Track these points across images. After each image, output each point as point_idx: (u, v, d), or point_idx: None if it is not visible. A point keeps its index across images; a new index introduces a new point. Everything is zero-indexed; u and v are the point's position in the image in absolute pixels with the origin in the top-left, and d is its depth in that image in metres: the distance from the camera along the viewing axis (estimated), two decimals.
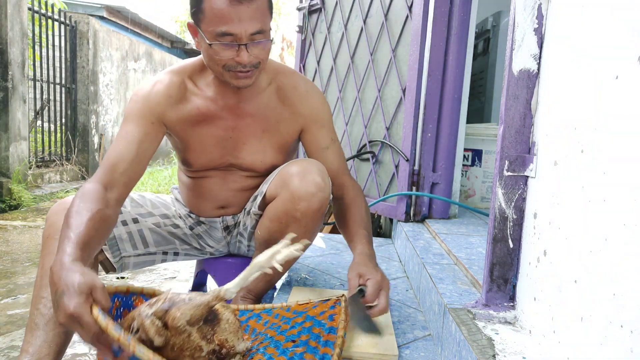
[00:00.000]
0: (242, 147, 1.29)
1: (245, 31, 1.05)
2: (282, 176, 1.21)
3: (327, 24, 2.77)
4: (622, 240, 0.66)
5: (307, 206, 1.15)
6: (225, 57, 1.09)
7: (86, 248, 0.88)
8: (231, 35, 1.06)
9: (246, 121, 1.28)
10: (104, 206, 1.01)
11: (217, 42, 1.07)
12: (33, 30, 4.77)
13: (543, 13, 0.94)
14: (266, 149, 1.30)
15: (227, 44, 1.07)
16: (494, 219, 0.99)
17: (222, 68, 1.12)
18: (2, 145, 4.16)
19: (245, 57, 1.08)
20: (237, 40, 1.07)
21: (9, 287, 2.09)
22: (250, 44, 1.08)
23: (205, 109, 1.24)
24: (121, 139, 1.15)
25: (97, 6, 8.55)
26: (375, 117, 2.32)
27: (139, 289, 0.98)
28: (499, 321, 0.97)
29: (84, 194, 1.01)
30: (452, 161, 2.07)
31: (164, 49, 11.01)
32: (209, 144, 1.27)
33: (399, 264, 1.91)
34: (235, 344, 0.87)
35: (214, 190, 1.35)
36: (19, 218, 3.65)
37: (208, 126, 1.25)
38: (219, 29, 1.05)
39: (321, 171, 1.19)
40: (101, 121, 6.35)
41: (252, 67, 1.12)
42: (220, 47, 1.08)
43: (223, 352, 0.84)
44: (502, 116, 0.97)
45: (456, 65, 2.00)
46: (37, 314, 1.06)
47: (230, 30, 1.05)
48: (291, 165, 1.21)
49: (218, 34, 1.06)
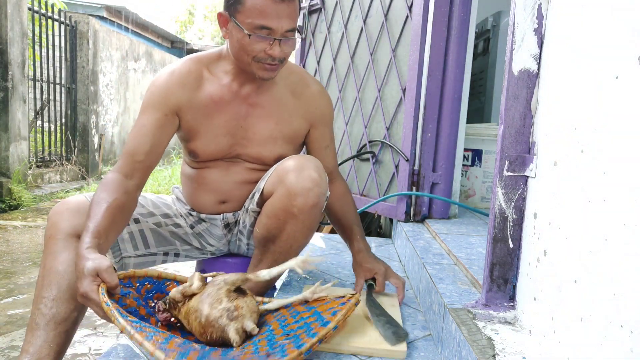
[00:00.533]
0: (252, 136, 1.32)
1: (282, 27, 1.14)
2: (278, 172, 1.22)
3: (327, 24, 2.77)
4: (622, 240, 0.66)
5: (304, 202, 1.16)
6: (258, 48, 1.16)
7: (103, 235, 1.02)
8: (269, 29, 1.13)
9: (258, 111, 1.31)
10: (122, 194, 1.13)
11: (254, 33, 1.14)
12: (33, 30, 4.77)
13: (543, 13, 0.94)
14: (277, 140, 1.34)
15: (264, 36, 1.14)
16: (494, 219, 0.99)
17: (252, 59, 1.18)
18: (2, 145, 4.16)
19: (277, 51, 1.16)
20: (272, 35, 1.14)
21: (9, 287, 2.09)
22: (284, 39, 1.16)
23: (218, 96, 1.28)
24: (137, 130, 1.24)
25: (97, 6, 8.55)
26: (375, 117, 2.32)
27: (172, 275, 1.14)
28: (499, 321, 0.97)
29: (104, 184, 1.14)
30: (452, 161, 2.07)
31: (164, 49, 11.01)
32: (220, 132, 1.30)
33: (399, 264, 1.91)
34: (246, 319, 0.99)
35: (216, 182, 1.35)
36: (19, 218, 3.65)
37: (219, 113, 1.29)
38: (258, 22, 1.13)
39: (317, 167, 1.19)
40: (101, 121, 6.35)
41: (279, 62, 1.20)
42: (256, 39, 1.15)
43: (234, 315, 0.98)
44: (502, 116, 0.97)
45: (456, 65, 2.00)
46: (38, 314, 1.06)
47: (269, 24, 1.13)
48: (287, 161, 1.22)
49: (256, 27, 1.13)
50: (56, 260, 1.11)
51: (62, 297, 1.08)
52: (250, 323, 0.99)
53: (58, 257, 1.11)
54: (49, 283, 1.09)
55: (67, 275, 1.09)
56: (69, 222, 1.15)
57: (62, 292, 1.08)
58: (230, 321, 0.96)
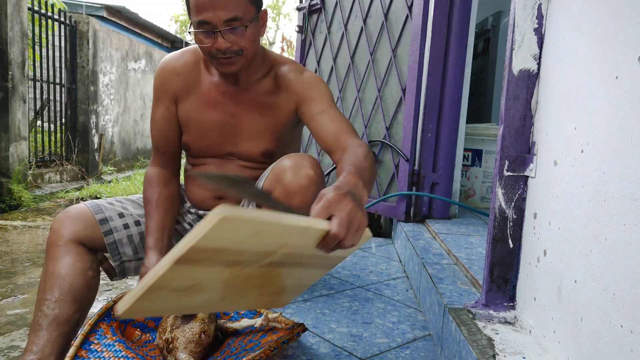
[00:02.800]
0: (240, 132, 1.32)
1: (219, 18, 1.12)
2: (275, 172, 1.21)
3: (327, 24, 2.77)
4: (622, 240, 0.66)
5: (302, 200, 1.15)
6: (205, 44, 1.16)
7: (160, 229, 1.20)
8: (207, 23, 1.13)
9: (244, 107, 1.32)
10: (163, 186, 1.28)
11: (198, 30, 1.14)
12: (33, 30, 4.77)
13: (543, 13, 0.94)
14: (262, 134, 1.33)
15: (205, 31, 1.14)
16: (494, 219, 0.99)
17: (208, 55, 1.18)
18: (2, 145, 4.16)
19: (222, 44, 1.14)
20: (212, 28, 1.13)
21: (9, 287, 2.09)
22: (225, 30, 1.14)
23: (208, 93, 1.30)
24: (152, 124, 1.33)
25: (97, 6, 8.55)
26: (375, 117, 2.32)
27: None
28: (499, 321, 0.97)
29: (146, 181, 1.29)
30: (452, 161, 2.07)
31: (164, 49, 11.02)
32: (208, 128, 1.31)
33: (399, 264, 1.91)
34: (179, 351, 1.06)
35: None
36: (19, 218, 3.65)
37: (208, 110, 1.30)
38: (197, 18, 1.13)
39: (313, 164, 1.18)
40: (101, 121, 6.35)
41: (232, 54, 1.17)
42: (200, 36, 1.15)
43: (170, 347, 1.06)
44: (502, 116, 0.97)
45: (456, 65, 2.00)
46: (40, 316, 1.09)
47: (205, 18, 1.12)
48: (283, 161, 1.21)
49: (197, 23, 1.14)
50: (58, 265, 1.14)
51: (64, 299, 1.10)
52: (183, 355, 1.05)
53: (59, 262, 1.14)
54: (51, 286, 1.12)
55: (69, 278, 1.12)
56: (70, 229, 1.18)
57: (64, 294, 1.11)
58: (167, 353, 1.07)
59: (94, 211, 1.22)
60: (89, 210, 1.22)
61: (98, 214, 1.22)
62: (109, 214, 1.24)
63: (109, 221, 1.23)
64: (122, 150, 7.25)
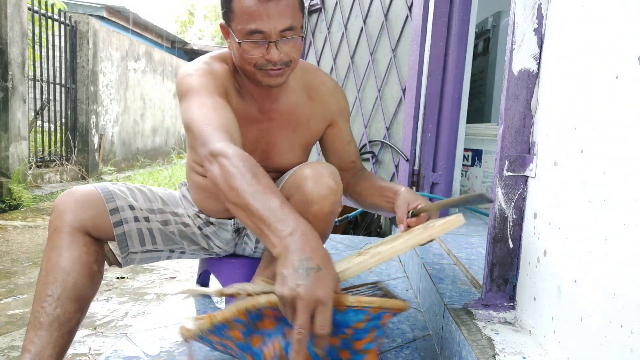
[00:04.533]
0: (273, 148, 1.28)
1: (275, 28, 1.04)
2: (295, 179, 1.19)
3: (327, 24, 2.77)
4: (622, 240, 0.66)
5: (320, 209, 1.13)
6: (256, 55, 1.08)
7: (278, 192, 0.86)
8: (261, 32, 1.05)
9: (277, 122, 1.26)
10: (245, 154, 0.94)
11: (247, 40, 1.06)
12: (33, 30, 4.77)
13: (543, 13, 0.94)
14: (295, 148, 1.30)
15: (257, 41, 1.06)
16: (494, 219, 0.99)
17: (254, 67, 1.10)
18: (2, 145, 4.16)
19: (276, 55, 1.07)
20: (266, 38, 1.06)
21: (9, 287, 2.09)
22: (280, 41, 1.07)
23: (243, 109, 1.21)
24: (208, 110, 1.05)
25: (97, 6, 8.56)
26: (375, 117, 2.32)
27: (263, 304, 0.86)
28: (499, 321, 0.97)
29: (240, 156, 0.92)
30: (452, 161, 2.07)
31: (164, 49, 11.02)
32: (242, 144, 1.18)
33: (399, 264, 1.91)
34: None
35: None
36: (19, 218, 3.65)
37: (242, 126, 1.18)
38: (248, 27, 1.04)
39: (333, 174, 1.17)
40: (101, 121, 6.36)
41: (283, 65, 1.11)
42: (250, 45, 1.06)
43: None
44: (502, 116, 0.97)
45: (456, 65, 2.00)
46: (42, 313, 1.03)
47: (260, 27, 1.04)
48: (304, 168, 1.18)
49: (248, 32, 1.05)
50: (61, 257, 1.06)
51: (67, 296, 1.04)
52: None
53: (63, 253, 1.06)
54: (54, 280, 1.05)
55: (73, 274, 1.05)
56: (75, 215, 1.10)
57: (68, 291, 1.05)
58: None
59: (105, 199, 1.14)
60: (100, 196, 1.14)
61: (109, 203, 1.14)
62: (121, 204, 1.17)
63: (119, 211, 1.16)
64: (122, 150, 7.25)
